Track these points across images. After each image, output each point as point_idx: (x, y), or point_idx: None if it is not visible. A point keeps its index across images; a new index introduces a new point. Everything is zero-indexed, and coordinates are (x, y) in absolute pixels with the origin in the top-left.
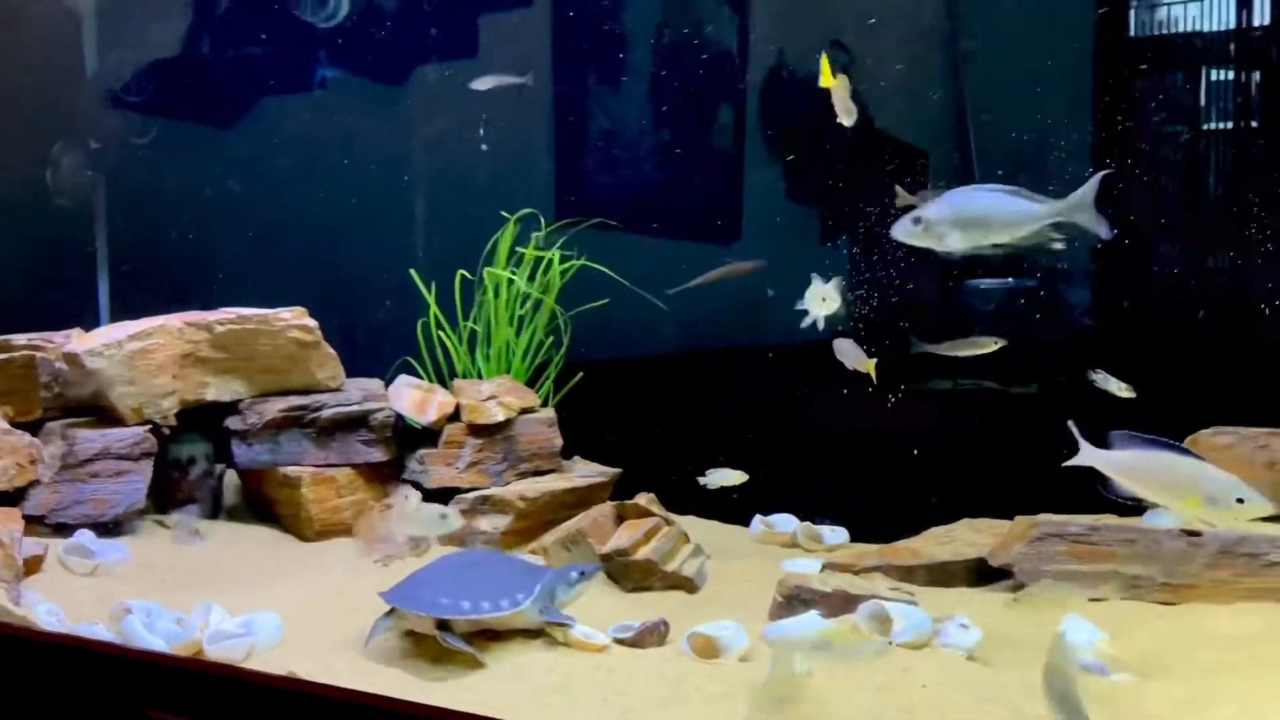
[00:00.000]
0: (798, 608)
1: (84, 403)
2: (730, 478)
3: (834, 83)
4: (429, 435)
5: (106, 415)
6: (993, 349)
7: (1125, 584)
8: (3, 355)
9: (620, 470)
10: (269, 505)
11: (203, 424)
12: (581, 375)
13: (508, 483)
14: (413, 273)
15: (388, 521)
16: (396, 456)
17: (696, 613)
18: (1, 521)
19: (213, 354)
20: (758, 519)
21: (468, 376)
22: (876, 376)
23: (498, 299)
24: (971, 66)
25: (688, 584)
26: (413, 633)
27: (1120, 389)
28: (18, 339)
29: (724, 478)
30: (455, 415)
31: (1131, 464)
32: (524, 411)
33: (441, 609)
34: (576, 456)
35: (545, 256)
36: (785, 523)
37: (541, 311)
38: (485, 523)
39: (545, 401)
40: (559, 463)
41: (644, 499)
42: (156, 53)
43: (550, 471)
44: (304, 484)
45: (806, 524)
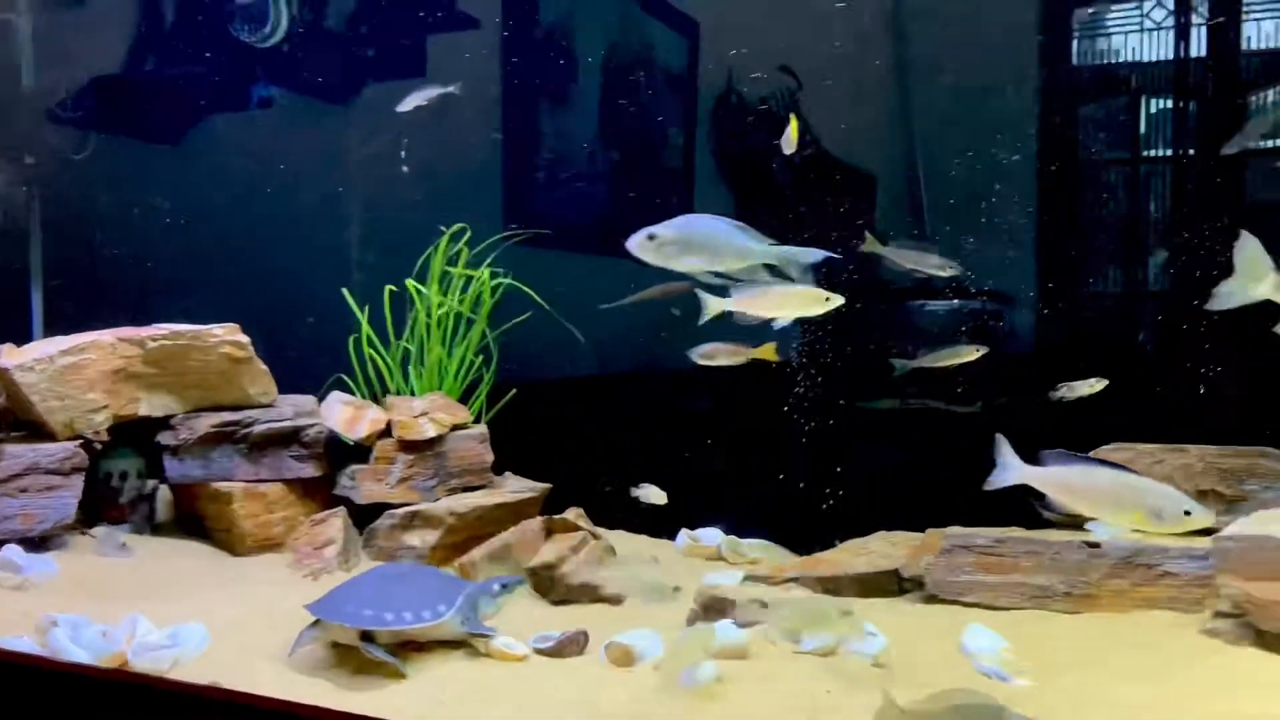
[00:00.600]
0: (713, 617)
1: (14, 417)
2: (655, 496)
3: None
4: (361, 451)
5: (38, 430)
6: (975, 356)
7: (1030, 594)
8: None
9: (550, 485)
10: (201, 520)
11: (135, 439)
12: (515, 392)
13: (438, 498)
14: (344, 291)
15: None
16: (329, 472)
17: (617, 623)
18: None
19: (145, 370)
20: (684, 533)
21: (400, 394)
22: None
23: (429, 317)
24: (916, 92)
25: (612, 597)
26: (337, 644)
27: (1090, 386)
28: None
29: (652, 495)
30: (387, 431)
31: (1069, 480)
32: (456, 428)
33: (365, 620)
34: (508, 472)
35: (475, 275)
36: (711, 536)
37: (474, 329)
38: (415, 538)
39: (478, 418)
40: (490, 478)
41: (573, 514)
42: (93, 69)
43: (481, 487)
44: (235, 499)
45: (731, 537)
